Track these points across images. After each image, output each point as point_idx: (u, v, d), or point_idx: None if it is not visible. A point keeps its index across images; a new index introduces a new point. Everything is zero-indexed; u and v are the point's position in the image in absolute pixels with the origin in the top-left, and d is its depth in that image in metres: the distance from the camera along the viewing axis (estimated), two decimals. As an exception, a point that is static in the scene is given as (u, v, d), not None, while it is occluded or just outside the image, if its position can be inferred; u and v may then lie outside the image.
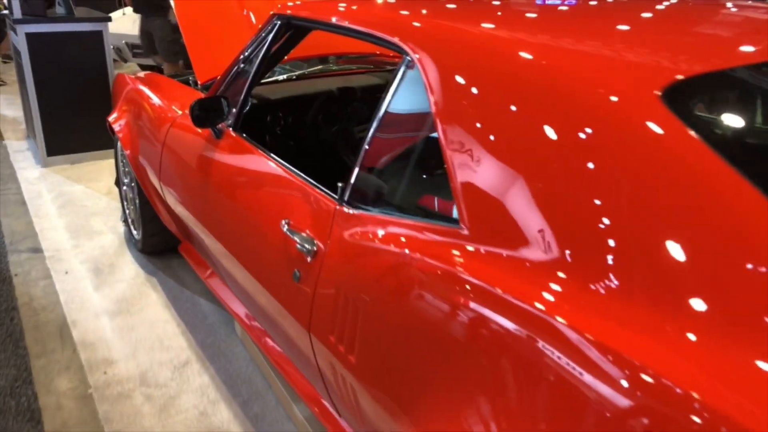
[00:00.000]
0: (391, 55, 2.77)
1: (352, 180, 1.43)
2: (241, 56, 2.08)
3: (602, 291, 0.87)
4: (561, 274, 0.94)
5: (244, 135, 1.96)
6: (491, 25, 1.42)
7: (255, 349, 2.25)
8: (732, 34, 1.39)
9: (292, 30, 1.98)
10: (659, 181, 0.90)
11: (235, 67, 2.10)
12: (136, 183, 2.79)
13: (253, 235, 1.75)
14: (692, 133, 0.92)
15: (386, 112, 1.42)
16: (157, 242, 2.98)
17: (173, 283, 2.86)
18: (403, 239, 1.22)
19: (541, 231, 0.99)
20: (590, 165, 0.97)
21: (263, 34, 2.00)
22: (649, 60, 1.12)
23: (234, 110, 2.01)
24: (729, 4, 1.63)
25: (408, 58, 1.38)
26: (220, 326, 2.53)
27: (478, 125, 1.16)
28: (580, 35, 1.30)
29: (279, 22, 1.95)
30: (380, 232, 1.28)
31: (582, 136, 1.01)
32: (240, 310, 2.14)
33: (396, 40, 1.44)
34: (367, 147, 1.44)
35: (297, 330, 1.54)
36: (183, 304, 2.69)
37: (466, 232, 1.10)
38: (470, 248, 1.08)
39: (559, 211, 0.99)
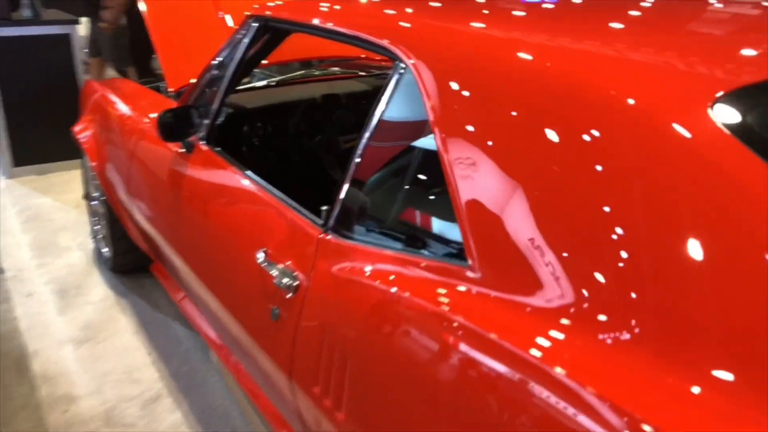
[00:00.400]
0: (378, 58, 2.59)
1: (339, 203, 1.25)
2: (214, 62, 1.89)
3: (618, 341, 0.75)
4: (583, 323, 0.78)
5: (218, 149, 1.77)
6: (494, 25, 1.24)
7: (233, 380, 2.05)
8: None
9: (271, 32, 1.80)
10: (709, 221, 0.74)
11: (208, 74, 1.91)
12: (106, 197, 2.58)
13: (226, 263, 1.56)
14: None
15: (377, 125, 1.24)
16: (129, 261, 2.78)
17: (145, 305, 2.65)
18: (399, 278, 1.04)
19: (562, 270, 0.82)
20: (629, 195, 0.81)
21: (238, 37, 1.81)
22: (682, 65, 0.96)
23: (206, 121, 1.82)
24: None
25: (401, 63, 1.21)
26: (195, 352, 2.33)
27: (487, 141, 0.98)
28: (599, 36, 1.13)
29: (256, 24, 1.76)
30: (372, 269, 1.10)
31: (619, 159, 0.83)
32: (216, 338, 1.95)
33: (385, 43, 1.27)
34: (355, 166, 1.26)
35: (276, 375, 1.35)
36: (155, 329, 2.48)
37: (476, 273, 0.93)
38: (480, 291, 0.91)
39: (585, 247, 0.82)
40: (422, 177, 1.21)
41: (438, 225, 1.12)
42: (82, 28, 5.26)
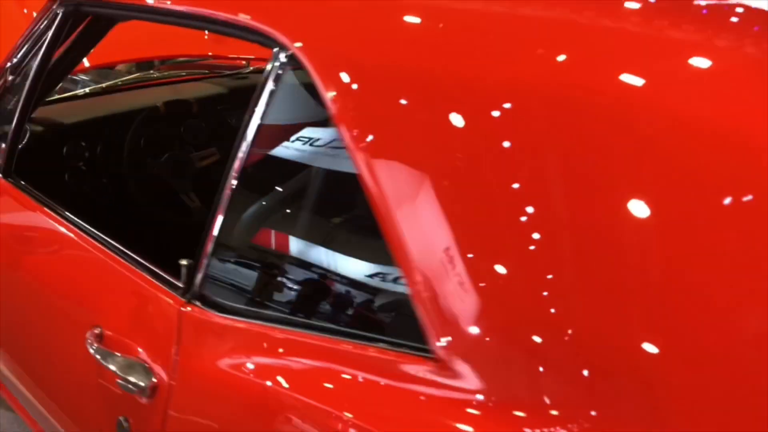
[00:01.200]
0: (233, 56, 2.18)
1: (206, 254, 0.86)
2: (7, 65, 1.41)
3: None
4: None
5: (21, 183, 1.29)
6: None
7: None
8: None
9: (86, 21, 1.35)
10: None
11: (-1, 81, 1.42)
12: None
13: (49, 349, 1.11)
14: None
15: (256, 136, 0.86)
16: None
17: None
18: (297, 375, 0.69)
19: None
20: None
21: (39, 30, 1.34)
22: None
23: (2, 145, 1.33)
24: None
25: (282, 53, 0.84)
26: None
27: (428, 150, 0.67)
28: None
29: (61, 10, 1.30)
30: (258, 361, 0.74)
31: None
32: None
33: (256, 24, 0.89)
34: (225, 197, 0.87)
35: None
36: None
37: (451, 379, 0.60)
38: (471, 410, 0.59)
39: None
40: (330, 206, 0.87)
41: (362, 285, 0.78)
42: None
